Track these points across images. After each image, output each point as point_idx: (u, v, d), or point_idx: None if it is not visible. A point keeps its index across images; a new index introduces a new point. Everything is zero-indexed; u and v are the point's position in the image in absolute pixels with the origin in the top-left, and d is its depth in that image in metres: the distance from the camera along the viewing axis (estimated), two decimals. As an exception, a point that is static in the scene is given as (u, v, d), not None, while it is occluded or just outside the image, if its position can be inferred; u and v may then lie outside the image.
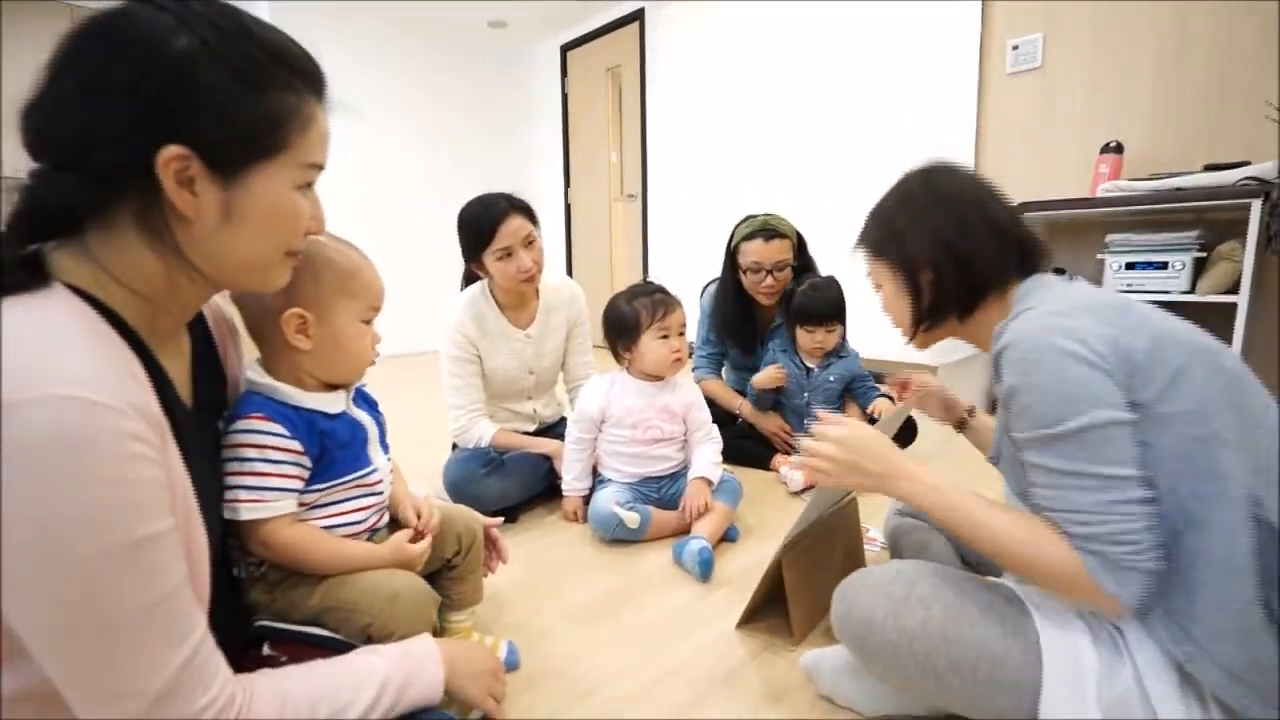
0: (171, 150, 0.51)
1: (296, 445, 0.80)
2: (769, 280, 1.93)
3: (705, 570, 1.30)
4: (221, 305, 0.83)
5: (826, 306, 1.84)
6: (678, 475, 1.59)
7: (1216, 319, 2.11)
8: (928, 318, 0.90)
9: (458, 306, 1.72)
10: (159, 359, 0.58)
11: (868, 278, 0.99)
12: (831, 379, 1.92)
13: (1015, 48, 2.72)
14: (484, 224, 1.57)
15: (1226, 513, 0.67)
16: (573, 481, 1.62)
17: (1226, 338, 2.01)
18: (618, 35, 4.55)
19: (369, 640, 0.79)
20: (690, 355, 1.83)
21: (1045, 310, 0.75)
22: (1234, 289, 2.03)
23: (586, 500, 1.60)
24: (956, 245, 0.85)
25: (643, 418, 1.56)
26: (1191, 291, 2.11)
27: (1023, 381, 0.73)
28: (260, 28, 0.57)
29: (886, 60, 3.12)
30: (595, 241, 5.01)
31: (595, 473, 1.65)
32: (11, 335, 0.45)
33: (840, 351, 1.94)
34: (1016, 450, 0.78)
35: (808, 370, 1.94)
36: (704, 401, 1.65)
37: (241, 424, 0.78)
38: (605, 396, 1.58)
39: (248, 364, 0.84)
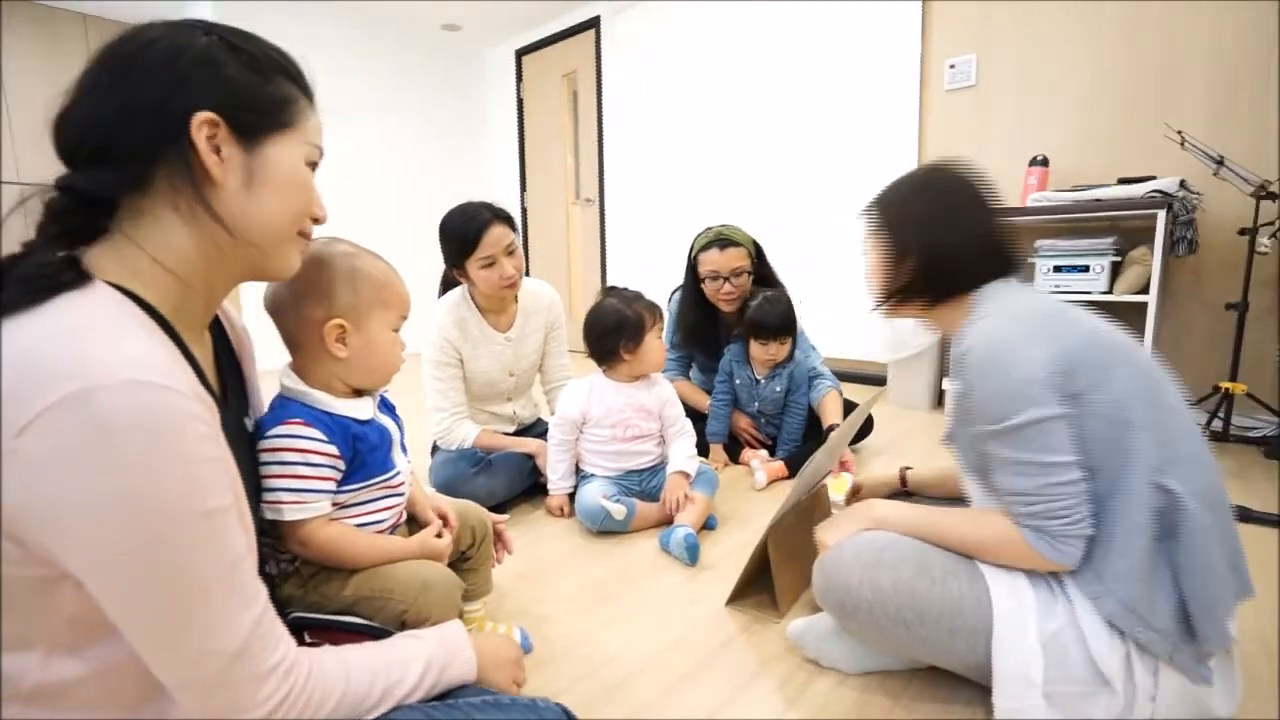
0: (203, 115, 0.57)
1: (333, 449, 0.86)
2: (727, 287, 2.05)
3: (693, 555, 1.40)
4: (238, 322, 0.86)
5: (778, 320, 1.93)
6: (657, 469, 1.69)
7: (1130, 316, 2.35)
8: (898, 297, 1.01)
9: (440, 311, 1.77)
10: (190, 349, 0.62)
11: (862, 241, 1.08)
12: (778, 389, 2.06)
13: (952, 66, 2.93)
14: (468, 234, 1.62)
15: (1133, 479, 0.82)
16: (557, 481, 1.70)
17: (1139, 333, 2.25)
18: (574, 41, 4.62)
19: (404, 626, 0.86)
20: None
21: (995, 322, 0.90)
22: (1145, 290, 2.26)
23: (570, 497, 1.69)
24: (945, 250, 0.96)
25: (621, 418, 1.65)
26: (1110, 292, 2.34)
27: (977, 383, 0.88)
28: (261, 40, 0.66)
29: (835, 75, 3.30)
30: (552, 246, 5.06)
31: (578, 469, 1.73)
32: (74, 326, 0.50)
33: (786, 362, 2.05)
34: (973, 438, 0.93)
35: (757, 381, 2.06)
36: (677, 398, 1.75)
37: (281, 429, 0.83)
38: (585, 399, 1.66)
39: (281, 370, 0.89)
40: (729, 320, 2.18)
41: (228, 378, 0.77)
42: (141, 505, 0.48)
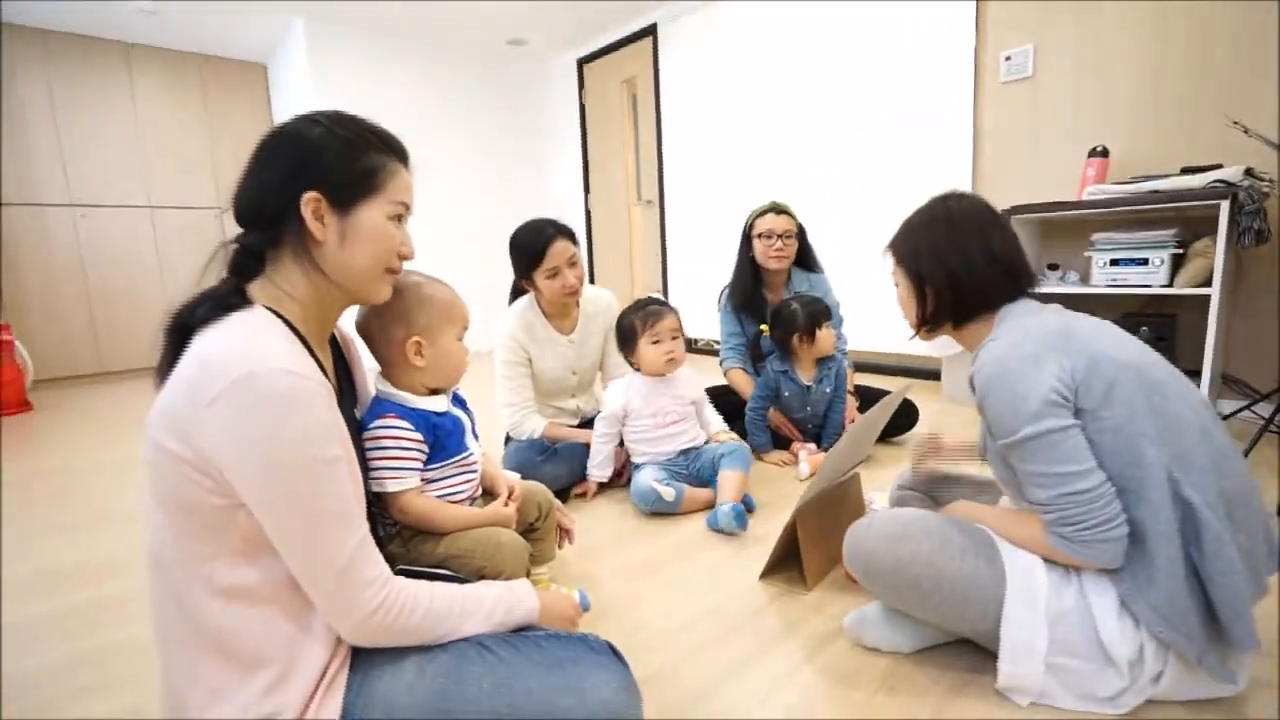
0: (309, 194, 0.79)
1: (419, 436, 1.07)
2: (779, 244, 2.29)
3: (741, 522, 1.58)
4: (348, 335, 1.08)
5: (820, 305, 2.10)
6: (700, 451, 1.88)
7: (1194, 310, 2.32)
8: (928, 322, 1.12)
9: (510, 317, 1.98)
10: (316, 355, 0.84)
11: (890, 275, 1.18)
12: (827, 390, 2.17)
13: (1008, 58, 2.92)
14: (535, 248, 1.83)
15: (1153, 490, 0.88)
16: (594, 469, 1.92)
17: (1202, 327, 2.21)
18: (632, 49, 4.79)
19: (483, 578, 1.05)
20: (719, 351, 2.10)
21: (1005, 342, 0.98)
22: (1208, 282, 2.21)
23: (601, 486, 1.94)
24: (957, 274, 1.06)
25: (659, 406, 1.85)
26: (1170, 285, 2.31)
27: (987, 400, 0.97)
28: (364, 121, 0.87)
29: (888, 71, 3.33)
30: (615, 246, 5.26)
31: (628, 460, 1.94)
32: (242, 334, 0.73)
33: (830, 360, 2.16)
34: (997, 452, 1.02)
35: (807, 388, 2.16)
36: (704, 394, 1.99)
37: (380, 422, 1.04)
38: (625, 395, 1.87)
39: (376, 378, 1.10)
40: (775, 290, 2.42)
41: (342, 381, 0.99)
42: (282, 452, 0.69)
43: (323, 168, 0.80)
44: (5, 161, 4.28)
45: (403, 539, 1.09)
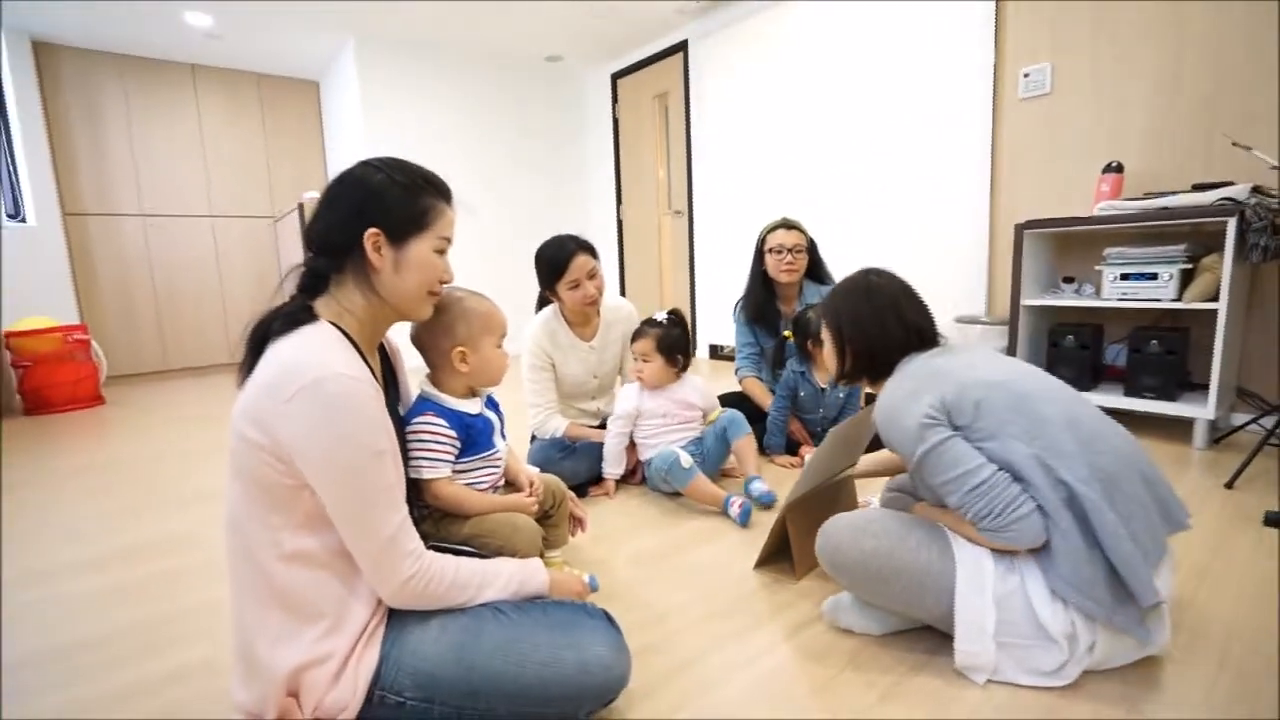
0: (371, 231, 0.95)
1: (452, 433, 1.23)
2: (789, 258, 2.43)
3: (767, 499, 1.87)
4: (395, 344, 1.25)
5: None
6: (702, 437, 2.06)
7: (1205, 324, 2.36)
8: (847, 377, 1.32)
9: (535, 325, 2.15)
10: (368, 361, 1.01)
11: (820, 332, 1.39)
12: (840, 395, 2.29)
13: (1027, 75, 2.98)
14: (558, 262, 2.00)
15: (1033, 478, 1.03)
16: (609, 468, 2.09)
17: (1210, 341, 2.25)
18: (664, 64, 4.95)
19: (501, 555, 1.21)
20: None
21: (893, 387, 1.19)
22: (1216, 297, 2.25)
23: (616, 483, 2.12)
24: (873, 339, 1.26)
25: (669, 409, 2.04)
26: (1179, 300, 2.35)
27: (887, 437, 1.17)
28: (417, 167, 1.03)
29: (910, 87, 3.42)
30: (645, 254, 5.42)
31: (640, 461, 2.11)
32: (313, 344, 0.89)
33: None
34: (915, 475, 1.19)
35: (822, 390, 2.29)
36: (712, 399, 2.14)
37: (420, 419, 1.21)
38: (637, 398, 2.05)
39: (421, 380, 1.27)
40: (787, 302, 2.55)
41: (389, 381, 1.16)
42: (342, 443, 0.86)
43: (383, 209, 0.97)
44: (87, 174, 4.68)
45: (434, 520, 1.26)
